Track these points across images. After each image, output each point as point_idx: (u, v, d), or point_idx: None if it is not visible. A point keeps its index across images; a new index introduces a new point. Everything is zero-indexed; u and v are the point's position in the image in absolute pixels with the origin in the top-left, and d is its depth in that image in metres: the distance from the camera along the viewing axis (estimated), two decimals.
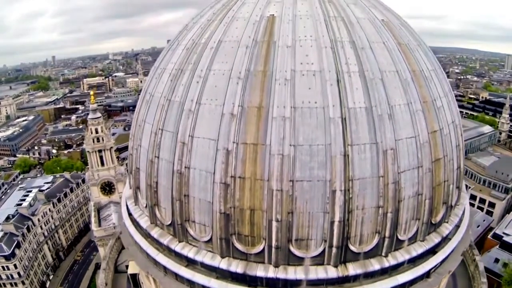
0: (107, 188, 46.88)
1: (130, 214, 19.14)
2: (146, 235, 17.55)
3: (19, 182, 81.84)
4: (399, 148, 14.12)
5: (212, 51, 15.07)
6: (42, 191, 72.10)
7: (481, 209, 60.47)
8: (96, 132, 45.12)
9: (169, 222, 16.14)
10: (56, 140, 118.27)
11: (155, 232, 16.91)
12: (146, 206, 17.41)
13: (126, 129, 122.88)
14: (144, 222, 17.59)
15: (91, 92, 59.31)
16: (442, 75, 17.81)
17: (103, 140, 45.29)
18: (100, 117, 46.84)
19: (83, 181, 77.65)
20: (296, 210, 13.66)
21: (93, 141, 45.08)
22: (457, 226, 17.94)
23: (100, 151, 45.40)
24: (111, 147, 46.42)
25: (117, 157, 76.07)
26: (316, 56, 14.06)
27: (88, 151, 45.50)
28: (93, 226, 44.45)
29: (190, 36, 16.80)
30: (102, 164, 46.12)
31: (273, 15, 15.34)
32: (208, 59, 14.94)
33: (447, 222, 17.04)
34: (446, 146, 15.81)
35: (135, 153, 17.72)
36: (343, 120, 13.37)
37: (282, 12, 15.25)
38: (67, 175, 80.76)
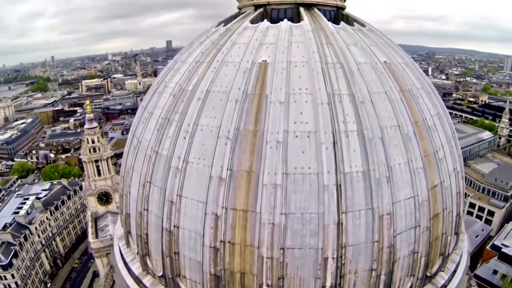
0: (104, 198, 46.73)
1: (122, 256, 18.79)
2: (139, 281, 17.25)
3: (17, 188, 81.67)
4: (396, 211, 13.61)
5: (199, 103, 14.25)
6: (39, 198, 71.93)
7: (480, 217, 60.34)
8: (93, 142, 44.76)
9: (161, 274, 15.91)
10: (54, 144, 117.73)
11: (147, 281, 16.72)
12: (137, 253, 17.09)
13: (124, 133, 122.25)
14: (136, 268, 17.33)
15: (87, 102, 58.77)
16: (446, 118, 17.04)
17: (99, 150, 44.91)
18: (96, 126, 46.31)
19: (81, 188, 77.46)
20: (287, 275, 13.36)
21: (90, 151, 44.77)
22: (455, 271, 17.60)
23: (96, 161, 45.14)
24: (108, 157, 46.13)
25: (115, 163, 75.66)
26: (312, 114, 13.19)
27: (84, 161, 45.22)
28: (90, 237, 44.26)
29: (178, 79, 15.91)
30: (99, 174, 45.88)
31: (266, 61, 14.32)
32: (196, 112, 14.18)
33: (443, 271, 16.71)
34: (446, 198, 15.28)
35: (125, 198, 17.33)
36: (338, 187, 12.77)
37: (275, 58, 14.19)
38: (64, 182, 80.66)
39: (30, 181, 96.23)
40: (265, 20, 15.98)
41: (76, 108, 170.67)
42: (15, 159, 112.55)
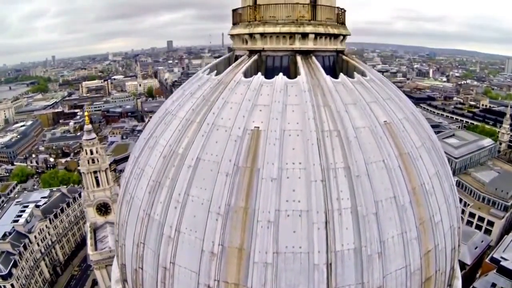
0: (103, 208, 46.86)
1: None
2: None
3: (16, 195, 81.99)
4: (387, 283, 13.49)
5: (190, 171, 13.91)
6: (38, 206, 72.19)
7: (480, 227, 60.22)
8: (91, 153, 44.81)
9: None
10: (54, 147, 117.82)
11: None
12: None
13: (124, 137, 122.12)
14: None
15: (86, 113, 58.80)
16: (445, 172, 16.51)
17: (98, 161, 44.96)
18: (95, 138, 46.25)
19: (80, 195, 77.85)
20: None
21: (88, 162, 44.82)
22: None
23: (95, 172, 45.23)
24: (107, 168, 46.17)
25: (114, 170, 75.69)
26: (304, 192, 12.81)
27: (83, 172, 45.27)
28: (89, 250, 44.33)
29: (168, 137, 15.43)
30: (98, 185, 45.97)
31: (258, 128, 13.68)
32: (186, 181, 13.89)
33: None
34: (440, 261, 15.12)
35: (120, 249, 17.37)
36: (328, 266, 12.68)
37: (268, 125, 13.55)
38: (63, 189, 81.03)
39: (29, 186, 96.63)
40: (259, 74, 15.18)
41: (76, 110, 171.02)
42: (15, 163, 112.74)
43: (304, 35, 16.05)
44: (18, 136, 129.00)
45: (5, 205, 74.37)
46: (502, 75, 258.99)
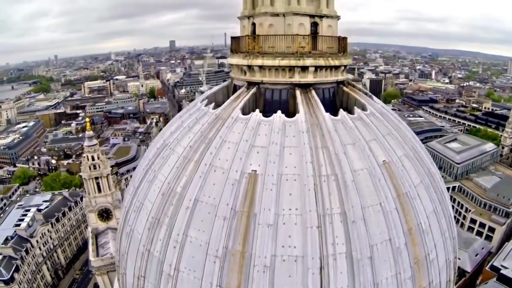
0: (105, 214, 47.21)
1: None
2: None
3: (18, 198, 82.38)
4: None
5: (188, 212, 14.06)
6: (40, 210, 72.55)
7: (481, 233, 60.19)
8: (93, 159, 45.13)
9: None
10: (56, 149, 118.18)
11: None
12: None
13: (126, 139, 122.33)
14: None
15: (87, 119, 59.17)
16: (443, 210, 16.46)
17: (99, 167, 45.28)
18: (96, 144, 46.54)
19: (81, 199, 78.24)
20: None
21: (90, 168, 45.17)
22: None
23: (97, 178, 45.58)
24: (108, 174, 46.48)
25: (116, 173, 76.04)
26: (300, 238, 12.98)
27: (84, 178, 45.60)
28: (91, 256, 44.66)
29: (166, 173, 15.52)
30: (99, 190, 46.32)
31: (256, 171, 13.67)
32: (185, 222, 14.08)
33: None
34: None
35: (122, 277, 17.71)
36: None
37: (265, 168, 13.55)
38: (65, 193, 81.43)
39: (31, 188, 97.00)
40: (257, 111, 15.07)
41: (78, 111, 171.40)
42: (17, 165, 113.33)
43: (304, 68, 15.84)
44: (20, 137, 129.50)
45: (7, 208, 74.91)
46: (505, 77, 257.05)
